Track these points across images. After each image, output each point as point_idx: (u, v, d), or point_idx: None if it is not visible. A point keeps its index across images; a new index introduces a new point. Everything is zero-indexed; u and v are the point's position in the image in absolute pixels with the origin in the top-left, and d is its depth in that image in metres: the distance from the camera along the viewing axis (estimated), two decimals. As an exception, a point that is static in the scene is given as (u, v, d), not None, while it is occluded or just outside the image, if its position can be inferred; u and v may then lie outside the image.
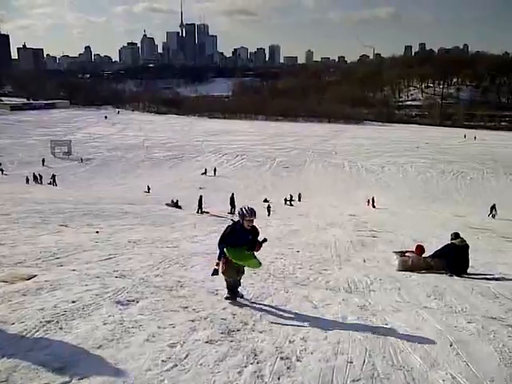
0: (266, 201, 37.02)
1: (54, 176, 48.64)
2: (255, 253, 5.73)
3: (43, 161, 62.23)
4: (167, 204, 26.94)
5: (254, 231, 5.62)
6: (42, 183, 47.78)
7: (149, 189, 43.53)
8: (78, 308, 5.00)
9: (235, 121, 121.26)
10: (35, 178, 48.70)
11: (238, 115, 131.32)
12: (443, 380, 3.76)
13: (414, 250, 10.22)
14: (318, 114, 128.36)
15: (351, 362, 4.02)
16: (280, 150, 74.96)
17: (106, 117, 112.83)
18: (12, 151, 66.98)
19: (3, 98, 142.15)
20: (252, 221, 5.47)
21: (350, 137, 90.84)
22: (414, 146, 78.72)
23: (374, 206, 37.93)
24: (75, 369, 3.54)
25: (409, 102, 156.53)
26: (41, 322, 4.48)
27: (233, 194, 28.84)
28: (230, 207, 27.37)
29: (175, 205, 27.26)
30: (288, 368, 3.83)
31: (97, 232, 12.18)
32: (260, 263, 5.78)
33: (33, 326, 4.34)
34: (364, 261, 10.53)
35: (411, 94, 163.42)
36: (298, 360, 4.01)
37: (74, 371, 3.50)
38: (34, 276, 6.34)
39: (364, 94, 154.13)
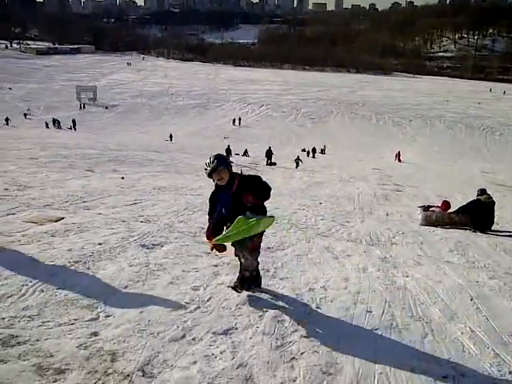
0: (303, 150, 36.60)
1: (74, 121, 49.02)
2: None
3: (82, 106, 63.05)
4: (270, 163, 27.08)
5: (240, 184, 3.86)
6: (60, 128, 48.22)
7: (171, 137, 43.55)
8: (104, 250, 5.14)
9: (261, 69, 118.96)
10: (54, 122, 49.15)
11: (263, 63, 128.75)
12: (462, 333, 3.80)
13: (439, 205, 10.11)
14: (346, 63, 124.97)
15: (370, 312, 4.08)
16: (306, 101, 73.69)
17: (128, 63, 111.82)
18: (39, 96, 67.40)
19: (29, 42, 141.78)
20: (219, 174, 3.78)
21: (378, 88, 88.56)
22: (443, 99, 76.51)
23: (399, 160, 37.40)
24: (102, 307, 3.68)
25: (440, 54, 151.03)
26: (69, 262, 4.64)
27: (270, 147, 28.69)
28: (266, 159, 27.32)
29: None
30: (308, 315, 3.91)
31: (122, 178, 12.33)
32: (267, 220, 4.04)
33: (61, 266, 4.50)
34: (387, 214, 10.47)
35: (443, 45, 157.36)
36: (317, 307, 4.08)
37: (102, 309, 3.64)
38: (62, 218, 6.51)
39: (394, 43, 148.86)
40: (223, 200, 3.89)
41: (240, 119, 61.17)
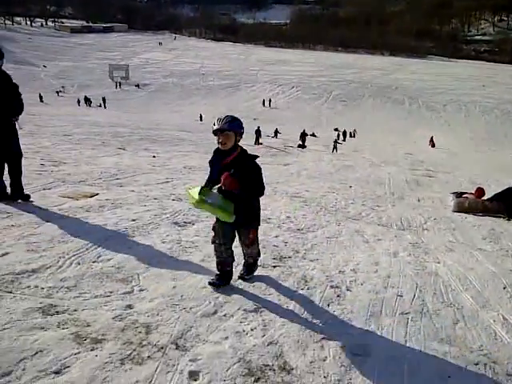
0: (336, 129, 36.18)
1: (104, 99, 49.74)
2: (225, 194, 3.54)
3: (117, 84, 63.90)
4: (300, 145, 26.86)
5: (236, 159, 3.53)
6: (91, 106, 49.00)
7: (201, 117, 43.70)
8: (137, 226, 5.24)
9: (293, 50, 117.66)
10: (86, 100, 49.95)
11: (295, 44, 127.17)
12: (494, 320, 3.75)
13: (472, 192, 9.91)
14: (379, 46, 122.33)
15: (401, 296, 4.06)
16: (337, 83, 72.81)
17: (160, 43, 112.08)
18: (72, 74, 68.42)
19: (64, 20, 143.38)
20: (224, 137, 3.44)
21: (412, 71, 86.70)
22: (479, 84, 74.36)
23: (433, 146, 36.72)
24: (136, 281, 3.77)
25: (478, 37, 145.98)
26: (104, 236, 4.75)
27: (304, 130, 28.54)
28: (300, 142, 27.22)
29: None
30: (338, 296, 3.92)
31: (153, 156, 12.49)
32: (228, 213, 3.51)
33: (96, 240, 4.61)
34: (418, 200, 10.33)
35: (481, 28, 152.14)
36: (347, 290, 4.08)
37: (136, 283, 3.73)
38: (96, 194, 6.65)
39: (430, 26, 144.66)
40: (214, 167, 3.63)
41: (270, 100, 60.89)
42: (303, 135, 27.89)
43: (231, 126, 3.42)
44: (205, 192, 3.45)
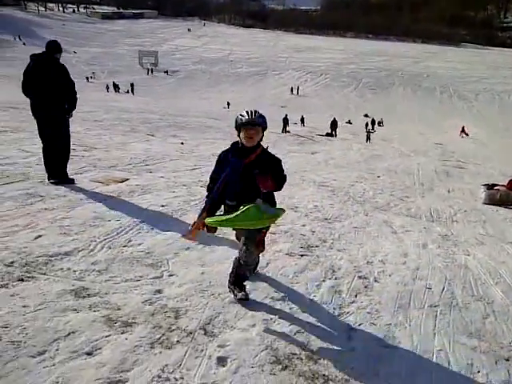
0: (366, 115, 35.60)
1: (132, 85, 50.30)
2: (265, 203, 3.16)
3: (149, 71, 64.55)
4: (328, 134, 26.73)
5: (259, 157, 3.16)
6: (119, 91, 49.61)
7: (228, 104, 43.72)
8: (166, 212, 5.31)
9: (322, 37, 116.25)
10: (114, 86, 50.60)
11: (325, 31, 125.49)
12: (525, 317, 3.68)
13: (504, 183, 9.68)
14: (411, 33, 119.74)
15: (430, 288, 4.01)
16: (367, 71, 71.74)
17: (189, 29, 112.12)
18: (103, 60, 69.15)
19: (95, 6, 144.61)
20: (254, 132, 3.10)
21: (445, 59, 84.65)
22: (514, 73, 72.20)
23: (466, 134, 35.96)
24: (165, 266, 3.83)
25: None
26: (134, 221, 4.83)
27: (334, 118, 28.26)
28: (330, 130, 26.96)
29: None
30: (365, 287, 3.90)
31: (182, 143, 12.57)
32: (276, 214, 3.22)
33: (127, 225, 4.69)
34: (448, 191, 10.16)
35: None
36: (375, 281, 4.06)
37: (165, 268, 3.78)
38: (127, 180, 6.75)
39: (464, 12, 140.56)
40: (232, 166, 3.14)
41: (298, 88, 60.42)
42: (334, 124, 27.59)
43: (262, 121, 3.13)
44: (252, 211, 2.99)
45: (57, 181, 5.95)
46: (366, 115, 38.55)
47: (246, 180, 3.10)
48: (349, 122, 37.07)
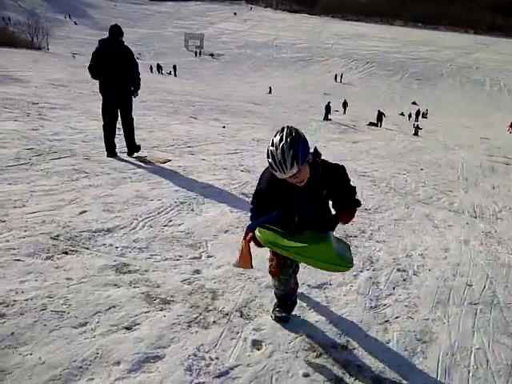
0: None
1: (174, 67, 50.79)
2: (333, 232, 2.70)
3: (197, 53, 65.12)
4: (371, 123, 26.41)
5: (324, 176, 2.49)
6: (162, 73, 50.19)
7: (270, 90, 43.55)
8: (207, 194, 5.36)
9: (370, 24, 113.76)
10: (158, 67, 51.22)
11: (373, 18, 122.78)
12: None
13: (555, 183, 9.30)
14: (462, 22, 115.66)
15: (470, 286, 3.92)
16: (414, 60, 69.88)
17: (235, 13, 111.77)
18: (150, 41, 69.94)
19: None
20: (298, 176, 2.34)
21: (497, 51, 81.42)
22: None
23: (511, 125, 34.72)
24: (204, 247, 3.87)
25: None
26: (175, 202, 4.90)
27: (379, 110, 27.75)
28: (376, 122, 26.54)
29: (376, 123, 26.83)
30: (404, 280, 3.84)
31: (223, 127, 12.61)
32: (349, 262, 2.51)
33: (168, 205, 4.77)
34: (493, 187, 9.82)
35: None
36: (414, 274, 3.99)
37: (204, 249, 3.83)
38: (169, 160, 6.84)
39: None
40: (298, 198, 2.49)
41: (342, 76, 59.51)
42: (380, 115, 27.05)
43: (299, 161, 2.25)
44: (326, 250, 2.43)
45: (130, 154, 6.76)
46: (414, 103, 37.53)
47: (317, 207, 2.56)
48: (401, 114, 36.18)
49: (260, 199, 2.61)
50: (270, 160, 2.28)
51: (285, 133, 2.28)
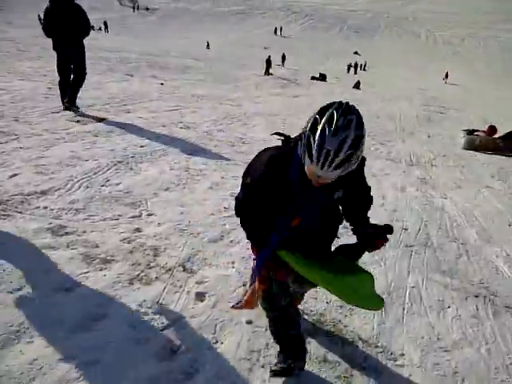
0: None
1: (105, 23, 48.48)
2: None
3: (135, 7, 62.22)
4: (313, 77, 25.71)
5: (349, 178, 1.72)
6: (93, 29, 47.90)
7: (208, 45, 42.58)
8: (146, 152, 5.24)
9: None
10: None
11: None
12: (496, 256, 3.80)
13: (484, 129, 9.75)
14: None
15: (406, 229, 4.10)
16: (352, 12, 70.07)
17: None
18: (78, -5, 65.96)
19: None
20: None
21: (432, 2, 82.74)
22: (501, 17, 71.17)
23: (446, 77, 35.88)
24: (144, 206, 3.81)
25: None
26: (112, 161, 4.76)
27: (269, 57, 26.80)
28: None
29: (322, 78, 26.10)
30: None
31: (161, 84, 12.24)
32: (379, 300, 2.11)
33: (105, 165, 4.63)
34: (429, 136, 10.19)
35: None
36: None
37: (144, 207, 3.77)
38: (104, 119, 6.60)
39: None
40: (304, 196, 1.79)
41: (281, 29, 58.89)
42: (268, 62, 26.14)
43: (351, 165, 1.58)
44: (369, 279, 2.05)
45: (67, 105, 6.72)
46: (356, 52, 37.76)
47: (327, 211, 1.96)
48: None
49: (253, 199, 1.86)
50: (313, 139, 1.51)
51: (356, 119, 1.53)
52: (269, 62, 24.71)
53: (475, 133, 9.62)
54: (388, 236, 2.04)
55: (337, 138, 1.49)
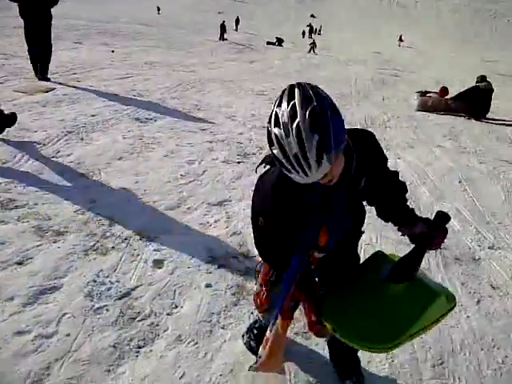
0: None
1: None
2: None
3: None
4: (269, 42, 25.18)
5: (360, 159, 1.43)
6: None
7: (158, 9, 41.32)
8: (97, 122, 5.09)
9: None
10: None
11: None
12: (447, 211, 3.92)
13: (436, 91, 9.94)
14: None
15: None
16: (307, -25, 69.03)
17: None
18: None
19: None
20: (330, 174, 1.23)
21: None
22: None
23: (401, 40, 36.26)
24: (97, 176, 3.72)
25: None
26: (62, 131, 4.60)
27: (224, 22, 26.04)
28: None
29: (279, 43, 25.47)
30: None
31: (112, 51, 11.85)
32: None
33: (54, 136, 4.47)
34: (383, 99, 10.32)
35: None
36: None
37: (97, 178, 3.68)
38: (53, 89, 6.35)
39: None
40: (325, 206, 1.48)
41: (236, -7, 57.66)
42: (223, 27, 25.62)
43: (332, 149, 1.16)
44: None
45: (40, 77, 6.82)
46: (313, 15, 37.47)
47: (352, 211, 1.64)
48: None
49: (274, 237, 1.54)
50: (276, 153, 1.19)
51: (298, 100, 1.16)
52: (223, 27, 24.26)
53: (428, 94, 9.79)
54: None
55: (296, 137, 1.12)
